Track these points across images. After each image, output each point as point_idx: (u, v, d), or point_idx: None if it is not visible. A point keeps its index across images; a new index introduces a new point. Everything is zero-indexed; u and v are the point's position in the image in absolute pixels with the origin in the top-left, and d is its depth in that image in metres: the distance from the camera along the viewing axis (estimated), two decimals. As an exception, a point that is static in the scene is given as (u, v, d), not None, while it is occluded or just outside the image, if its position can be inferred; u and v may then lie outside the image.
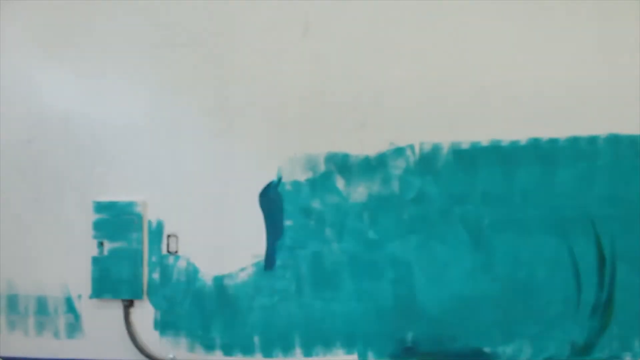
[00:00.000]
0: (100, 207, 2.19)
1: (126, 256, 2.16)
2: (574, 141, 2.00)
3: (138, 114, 2.21)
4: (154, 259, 2.17)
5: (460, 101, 2.05)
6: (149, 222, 2.18)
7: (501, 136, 2.03)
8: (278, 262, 2.12)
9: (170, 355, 2.16)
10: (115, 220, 2.17)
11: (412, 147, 2.06)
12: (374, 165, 2.08)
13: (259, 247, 2.13)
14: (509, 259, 2.02)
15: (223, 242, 2.15)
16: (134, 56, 2.21)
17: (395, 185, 2.07)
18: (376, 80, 2.09)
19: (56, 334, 2.22)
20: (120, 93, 2.22)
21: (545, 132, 2.01)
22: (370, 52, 2.10)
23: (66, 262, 2.21)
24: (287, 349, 2.10)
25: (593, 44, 2.01)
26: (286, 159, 2.12)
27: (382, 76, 2.09)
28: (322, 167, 2.11)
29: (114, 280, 2.16)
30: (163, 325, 2.17)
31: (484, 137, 2.04)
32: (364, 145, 2.09)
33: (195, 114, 2.18)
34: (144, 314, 2.18)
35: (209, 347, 2.14)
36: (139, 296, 2.16)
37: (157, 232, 2.18)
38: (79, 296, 2.20)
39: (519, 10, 2.04)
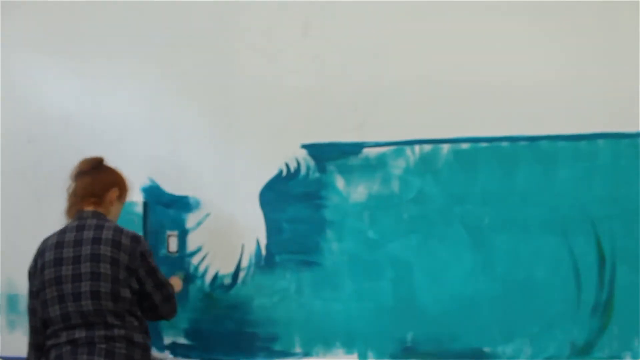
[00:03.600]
0: (100, 207, 2.18)
1: (126, 256, 2.16)
2: (574, 141, 2.00)
3: (138, 114, 2.21)
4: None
5: (460, 101, 2.05)
6: (149, 222, 2.18)
7: (501, 136, 2.03)
8: (278, 262, 2.12)
9: (170, 356, 2.15)
10: (115, 220, 2.17)
11: (412, 147, 2.06)
12: (374, 165, 2.08)
13: (259, 246, 2.13)
14: (509, 259, 2.02)
15: (223, 242, 2.15)
16: (134, 56, 2.21)
17: (395, 185, 2.07)
18: (376, 80, 2.09)
19: (56, 334, 2.22)
20: (121, 93, 2.22)
21: (545, 132, 2.01)
22: (370, 52, 2.10)
23: (66, 262, 2.21)
24: (287, 348, 2.10)
25: (593, 44, 2.01)
26: (286, 159, 2.12)
27: (382, 76, 2.09)
28: (322, 167, 2.11)
29: (114, 280, 2.16)
30: (163, 325, 2.17)
31: (483, 137, 2.04)
32: (363, 144, 2.09)
33: (195, 114, 2.18)
34: (144, 314, 2.18)
35: (209, 347, 2.14)
36: (139, 296, 2.16)
37: (157, 232, 2.18)
38: (79, 296, 2.20)
39: (519, 10, 2.04)
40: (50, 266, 1.72)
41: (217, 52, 2.17)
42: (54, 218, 2.22)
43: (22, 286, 2.23)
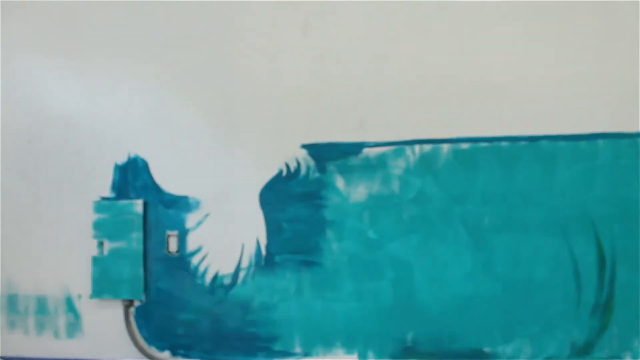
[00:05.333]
0: (100, 207, 2.19)
1: (126, 256, 2.16)
2: (574, 141, 2.00)
3: (138, 114, 2.21)
4: (154, 259, 2.17)
5: (460, 101, 2.05)
6: (149, 222, 2.18)
7: (501, 136, 2.03)
8: (278, 262, 2.12)
9: (170, 356, 2.15)
10: (115, 220, 2.18)
11: (412, 147, 2.06)
12: (374, 165, 2.08)
13: (259, 246, 2.13)
14: (509, 259, 2.02)
15: (223, 242, 2.15)
16: (134, 56, 2.21)
17: (395, 185, 2.07)
18: (376, 80, 2.09)
19: (56, 334, 2.22)
20: (121, 93, 2.22)
21: (545, 132, 2.01)
22: (370, 52, 2.10)
23: (66, 262, 2.21)
24: (287, 348, 2.10)
25: (593, 44, 2.01)
26: (286, 159, 2.12)
27: (382, 76, 2.09)
28: (322, 167, 2.11)
29: (114, 280, 2.16)
30: (163, 325, 2.16)
31: (483, 137, 2.04)
32: (363, 144, 2.09)
33: (196, 114, 2.18)
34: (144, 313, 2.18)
35: (209, 347, 2.14)
36: (139, 296, 2.16)
37: (157, 232, 2.18)
38: (79, 296, 2.20)
39: (519, 10, 2.04)
40: None
41: (217, 52, 2.17)
42: (54, 218, 2.24)
43: (22, 286, 2.25)
